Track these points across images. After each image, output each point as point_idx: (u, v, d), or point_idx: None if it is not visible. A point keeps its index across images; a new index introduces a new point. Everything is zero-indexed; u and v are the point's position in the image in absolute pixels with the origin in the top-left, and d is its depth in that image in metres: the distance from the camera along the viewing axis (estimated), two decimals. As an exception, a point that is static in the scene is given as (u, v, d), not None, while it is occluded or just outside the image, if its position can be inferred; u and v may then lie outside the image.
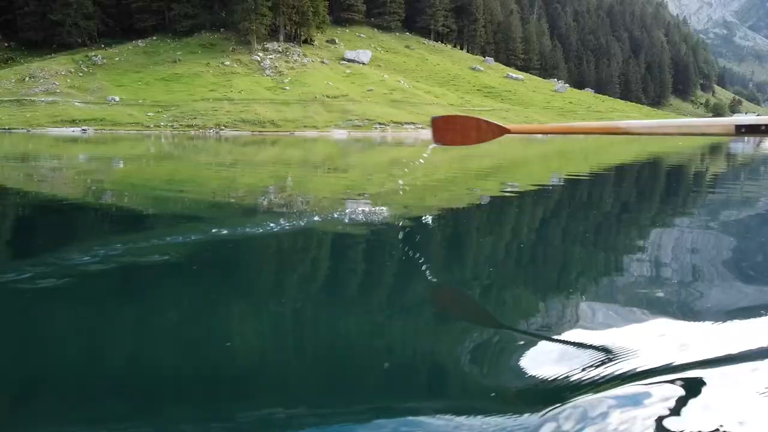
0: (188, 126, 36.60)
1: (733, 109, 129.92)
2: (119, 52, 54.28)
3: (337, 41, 66.96)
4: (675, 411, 1.18)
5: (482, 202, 5.13)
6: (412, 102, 48.73)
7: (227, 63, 52.34)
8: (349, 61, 60.79)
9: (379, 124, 40.23)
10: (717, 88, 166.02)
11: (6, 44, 54.64)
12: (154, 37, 58.67)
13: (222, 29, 59.45)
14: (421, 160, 3.62)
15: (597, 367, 1.42)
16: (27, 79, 44.33)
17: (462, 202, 5.21)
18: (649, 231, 3.60)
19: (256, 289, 2.22)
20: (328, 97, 45.72)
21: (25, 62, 49.99)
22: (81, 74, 47.47)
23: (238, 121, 38.28)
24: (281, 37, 59.13)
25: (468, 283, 2.40)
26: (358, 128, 39.08)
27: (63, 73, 46.38)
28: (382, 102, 46.87)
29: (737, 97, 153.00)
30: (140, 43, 57.07)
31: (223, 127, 36.69)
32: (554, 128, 2.41)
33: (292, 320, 1.82)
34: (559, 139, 25.54)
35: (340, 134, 34.94)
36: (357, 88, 50.93)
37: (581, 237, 3.46)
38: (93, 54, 51.86)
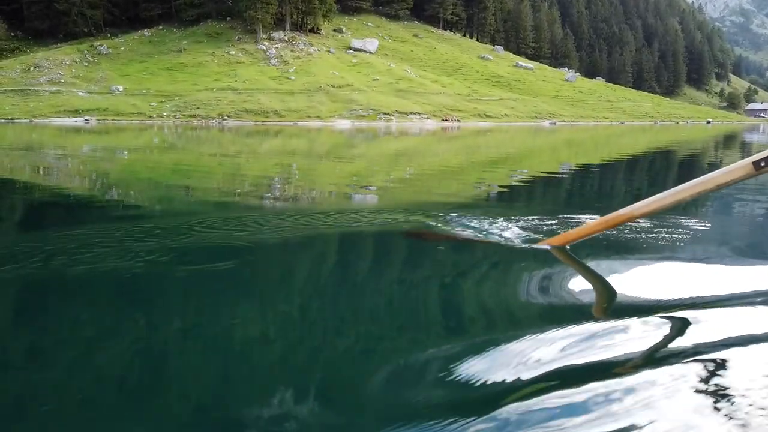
0: (191, 116, 36.30)
1: (749, 98, 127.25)
2: (125, 41, 54.06)
3: (344, 30, 66.19)
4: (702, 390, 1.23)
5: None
6: (417, 91, 48.07)
7: (232, 52, 51.92)
8: (356, 50, 60.06)
9: (384, 114, 39.64)
10: (732, 77, 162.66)
11: (12, 34, 54.56)
12: (160, 27, 58.35)
13: (228, 18, 59.01)
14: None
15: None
16: (32, 68, 44.25)
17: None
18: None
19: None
20: (332, 86, 45.16)
21: (31, 52, 49.92)
22: (86, 64, 47.32)
23: (241, 111, 37.90)
24: (287, 26, 58.53)
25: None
26: (363, 118, 38.52)
27: (68, 62, 46.24)
28: (387, 91, 46.25)
29: (753, 86, 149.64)
30: (146, 32, 56.77)
31: (225, 117, 36.34)
32: (591, 228, 2.37)
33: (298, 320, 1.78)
34: (568, 129, 24.94)
35: (343, 124, 34.43)
36: (363, 77, 50.31)
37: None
38: (98, 44, 51.66)
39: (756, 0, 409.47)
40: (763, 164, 1.84)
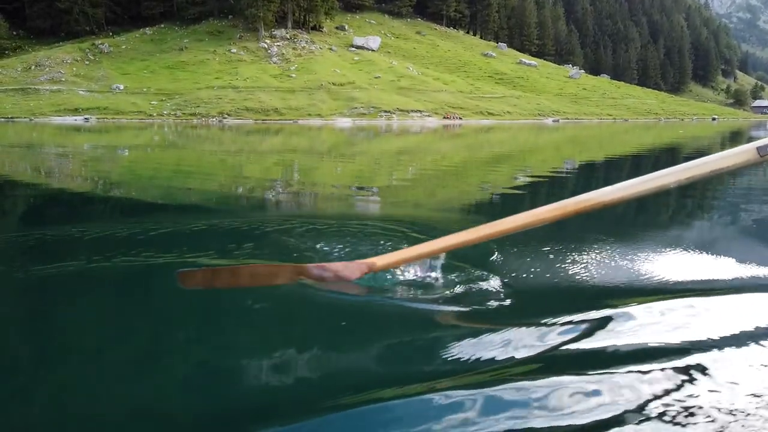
0: (191, 114, 36.15)
1: (755, 95, 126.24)
2: (126, 40, 53.97)
3: (346, 28, 65.94)
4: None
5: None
6: (419, 89, 47.78)
7: (234, 50, 51.75)
8: (358, 47, 59.79)
9: (385, 111, 39.36)
10: (739, 73, 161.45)
11: (14, 33, 54.54)
12: (162, 25, 58.24)
13: (230, 16, 58.86)
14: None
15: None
16: (33, 67, 44.21)
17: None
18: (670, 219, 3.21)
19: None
20: (334, 84, 44.92)
21: (33, 51, 49.87)
22: (87, 62, 47.25)
23: (241, 109, 37.72)
24: (289, 24, 58.33)
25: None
26: (363, 116, 38.26)
27: (69, 61, 46.18)
28: (389, 89, 45.98)
29: (760, 83, 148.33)
30: (147, 30, 56.68)
31: (226, 116, 36.16)
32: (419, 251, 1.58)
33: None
34: (571, 126, 24.61)
35: (344, 122, 34.18)
36: (365, 75, 50.05)
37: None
38: (100, 42, 51.60)
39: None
40: None
